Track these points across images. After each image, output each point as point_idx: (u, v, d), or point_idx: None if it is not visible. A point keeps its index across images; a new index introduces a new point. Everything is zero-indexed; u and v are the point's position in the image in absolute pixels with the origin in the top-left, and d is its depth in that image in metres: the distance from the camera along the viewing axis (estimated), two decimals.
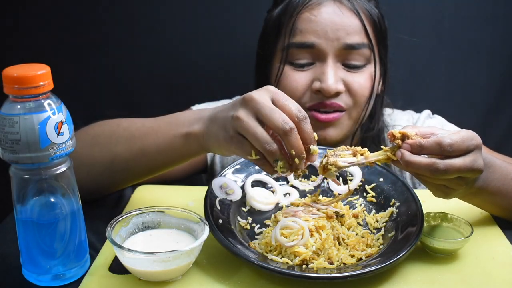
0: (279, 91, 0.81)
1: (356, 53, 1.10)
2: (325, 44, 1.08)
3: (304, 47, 1.09)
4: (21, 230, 0.77)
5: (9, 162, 0.73)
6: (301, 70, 1.11)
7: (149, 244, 0.81)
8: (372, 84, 1.12)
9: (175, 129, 0.88)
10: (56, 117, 0.72)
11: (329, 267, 0.80)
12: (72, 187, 0.77)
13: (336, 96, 1.09)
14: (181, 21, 1.46)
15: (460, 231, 0.87)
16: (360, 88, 1.11)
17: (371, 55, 1.12)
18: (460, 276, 0.81)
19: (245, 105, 0.78)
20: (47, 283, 0.78)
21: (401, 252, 0.79)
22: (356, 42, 1.09)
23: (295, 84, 1.10)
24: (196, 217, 0.83)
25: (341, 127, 1.12)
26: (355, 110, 1.12)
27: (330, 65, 1.08)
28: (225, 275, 0.80)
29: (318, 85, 1.08)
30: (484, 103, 1.54)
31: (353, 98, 1.11)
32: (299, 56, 1.10)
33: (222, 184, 0.94)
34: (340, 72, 1.10)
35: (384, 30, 1.16)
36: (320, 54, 1.09)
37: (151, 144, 0.90)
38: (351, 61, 1.10)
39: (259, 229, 0.90)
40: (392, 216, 0.91)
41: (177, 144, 0.88)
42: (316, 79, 1.09)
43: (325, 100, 1.09)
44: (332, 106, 1.09)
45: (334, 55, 1.09)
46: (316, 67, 1.10)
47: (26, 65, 0.73)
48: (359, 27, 1.09)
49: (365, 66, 1.12)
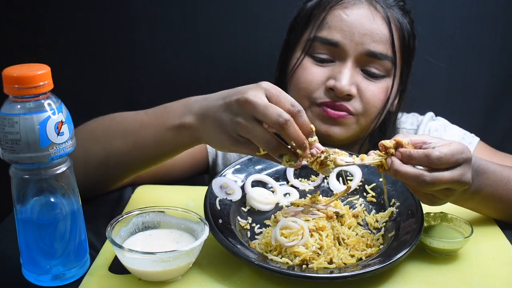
0: (273, 86, 0.80)
1: (378, 62, 1.08)
2: (349, 45, 1.07)
3: (328, 44, 1.09)
4: (21, 230, 0.77)
5: (9, 162, 0.73)
6: (320, 65, 1.10)
7: (149, 244, 0.81)
8: (386, 97, 1.11)
9: (166, 122, 0.88)
10: (56, 117, 0.72)
11: (329, 267, 0.80)
12: (72, 187, 0.77)
13: (347, 99, 1.08)
14: (182, 21, 1.46)
15: (460, 231, 0.87)
16: (372, 98, 1.09)
17: (392, 69, 1.10)
18: (460, 276, 0.81)
19: (241, 108, 0.78)
20: (47, 283, 0.78)
21: (401, 252, 0.79)
22: (380, 52, 1.08)
23: (311, 78, 1.10)
24: (196, 217, 0.83)
25: (346, 128, 1.10)
26: (364, 118, 1.11)
27: (349, 67, 1.08)
28: (225, 275, 0.80)
29: (332, 83, 1.07)
30: (484, 103, 1.54)
31: (364, 105, 1.09)
32: (321, 50, 1.10)
33: (222, 184, 0.94)
34: (357, 76, 1.09)
35: (412, 49, 1.14)
36: (341, 54, 1.08)
37: (144, 138, 0.91)
38: (371, 69, 1.09)
39: (259, 229, 0.90)
40: (392, 216, 0.91)
41: (169, 136, 0.88)
42: (332, 77, 1.08)
43: (336, 100, 1.08)
44: (341, 108, 1.08)
45: (355, 58, 1.08)
46: (335, 65, 1.09)
47: (26, 65, 0.73)
48: (387, 38, 1.08)
49: (383, 78, 1.10)
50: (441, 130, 1.25)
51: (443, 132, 1.25)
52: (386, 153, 0.81)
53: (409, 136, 0.82)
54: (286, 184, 1.01)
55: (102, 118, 0.99)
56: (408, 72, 1.16)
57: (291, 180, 1.01)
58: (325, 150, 0.81)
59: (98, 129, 0.97)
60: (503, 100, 1.54)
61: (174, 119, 0.87)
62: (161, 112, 0.91)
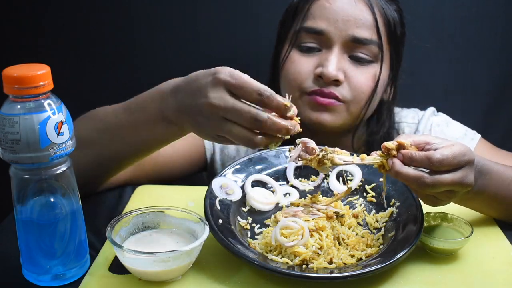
0: (232, 75, 0.78)
1: (364, 48, 1.09)
2: (333, 32, 1.08)
3: (313, 32, 1.10)
4: (21, 230, 0.77)
5: (9, 162, 0.73)
6: (307, 55, 1.11)
7: (149, 244, 0.81)
8: (374, 83, 1.11)
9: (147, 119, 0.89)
10: (56, 117, 0.72)
11: (329, 267, 0.80)
12: (72, 187, 0.77)
13: (335, 84, 1.08)
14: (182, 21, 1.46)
15: (460, 231, 0.87)
16: (360, 83, 1.09)
17: (379, 54, 1.11)
18: (460, 276, 0.81)
19: (211, 113, 0.78)
20: (47, 283, 0.78)
21: (401, 252, 0.79)
22: (364, 37, 1.08)
23: (299, 68, 1.11)
24: (196, 217, 0.83)
25: (336, 115, 1.10)
26: (354, 105, 1.11)
27: (335, 53, 1.08)
28: (225, 275, 0.80)
29: (320, 70, 1.08)
30: (485, 102, 1.54)
31: (352, 91, 1.09)
32: (307, 40, 1.11)
33: (222, 184, 0.94)
34: (345, 63, 1.09)
35: (399, 36, 1.14)
36: (327, 42, 1.09)
37: (130, 136, 0.92)
38: (357, 54, 1.09)
39: (259, 229, 0.90)
40: (392, 216, 0.91)
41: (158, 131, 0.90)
42: (320, 65, 1.09)
43: (324, 87, 1.08)
44: (329, 95, 1.09)
45: (341, 45, 1.09)
46: (322, 53, 1.10)
47: (26, 65, 0.73)
48: (370, 23, 1.09)
49: (371, 63, 1.10)
50: (443, 125, 1.25)
51: (445, 127, 1.25)
52: (388, 154, 0.81)
53: (411, 136, 0.82)
54: (286, 184, 1.01)
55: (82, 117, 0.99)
56: (398, 58, 1.16)
57: (291, 180, 1.01)
58: (324, 149, 0.82)
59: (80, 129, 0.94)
60: (503, 99, 1.54)
61: (154, 115, 0.88)
62: (137, 108, 0.91)
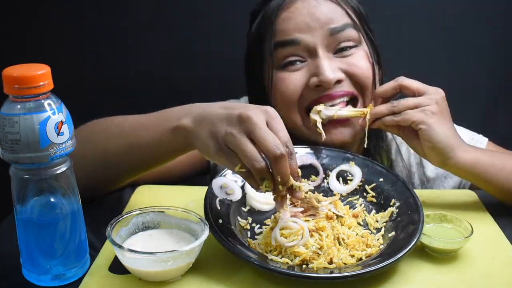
0: (277, 116, 0.79)
1: (344, 36, 1.06)
2: (310, 37, 1.05)
3: (289, 44, 1.06)
4: (21, 230, 0.77)
5: (9, 162, 0.73)
6: (294, 71, 1.07)
7: (149, 244, 0.81)
8: (370, 62, 1.08)
9: (164, 124, 0.88)
10: (56, 117, 0.72)
11: (329, 267, 0.80)
12: (72, 187, 0.77)
13: (339, 84, 1.06)
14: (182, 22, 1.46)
15: (460, 231, 0.87)
16: (361, 70, 1.07)
17: (359, 36, 1.09)
18: (460, 276, 0.81)
19: (240, 122, 0.78)
20: (47, 283, 0.78)
21: (401, 252, 0.79)
22: (340, 25, 1.06)
23: (292, 86, 1.06)
24: (196, 217, 0.83)
25: (352, 126, 1.07)
26: (367, 96, 1.08)
27: (322, 57, 1.05)
28: (225, 275, 0.80)
29: (316, 80, 1.04)
30: (484, 103, 1.54)
31: (358, 82, 1.07)
32: (285, 54, 1.07)
33: (222, 184, 0.94)
34: (335, 61, 1.06)
35: (365, 14, 1.13)
36: (309, 50, 1.06)
37: (141, 139, 0.91)
38: (341, 45, 1.07)
39: (259, 229, 0.90)
40: (392, 216, 0.91)
41: (165, 138, 0.88)
42: (312, 75, 1.05)
43: (329, 91, 1.05)
44: (338, 95, 1.06)
45: (323, 46, 1.06)
46: (309, 64, 1.07)
47: (26, 65, 0.73)
48: (339, 11, 1.07)
49: (356, 47, 1.08)
50: None
51: None
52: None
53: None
54: None
55: (101, 120, 0.99)
56: (373, 35, 1.14)
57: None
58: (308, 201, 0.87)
59: (96, 130, 0.97)
60: (503, 100, 1.54)
61: (171, 122, 0.87)
62: (161, 115, 0.91)
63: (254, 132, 0.76)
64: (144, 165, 0.95)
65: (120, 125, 0.95)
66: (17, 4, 1.43)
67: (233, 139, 0.77)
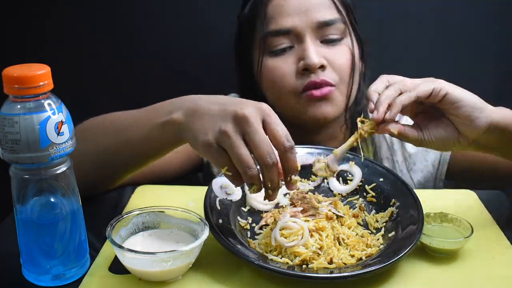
0: (273, 113, 0.79)
1: (331, 28, 1.12)
2: (299, 26, 1.10)
3: (281, 34, 1.11)
4: (21, 230, 0.77)
5: (9, 162, 0.73)
6: (281, 57, 1.12)
7: (149, 244, 0.81)
8: (351, 56, 1.14)
9: (154, 118, 0.88)
10: (56, 117, 0.72)
11: (329, 267, 0.80)
12: (72, 187, 0.77)
13: (322, 70, 1.11)
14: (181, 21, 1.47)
15: (460, 231, 0.87)
16: (342, 62, 1.12)
17: (345, 29, 1.14)
18: (460, 276, 0.81)
19: (235, 121, 0.77)
20: (47, 283, 0.78)
21: (401, 252, 0.79)
22: (329, 18, 1.11)
23: (282, 71, 1.12)
24: (196, 217, 0.83)
25: (335, 102, 1.13)
26: (343, 85, 1.13)
27: (309, 43, 1.10)
28: (225, 275, 0.80)
29: (302, 64, 1.10)
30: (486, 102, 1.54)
31: (337, 73, 1.12)
32: (278, 42, 1.12)
33: (222, 184, 0.94)
34: (320, 48, 1.12)
35: (351, 6, 1.17)
36: (297, 36, 1.11)
37: (133, 135, 0.91)
38: (328, 36, 1.12)
39: (259, 229, 0.90)
40: (392, 216, 0.91)
41: (155, 133, 0.88)
42: (300, 59, 1.11)
43: (314, 78, 1.10)
44: (322, 83, 1.10)
45: (311, 34, 1.11)
46: (296, 49, 1.12)
47: (26, 65, 0.73)
48: (328, 3, 1.12)
49: (342, 40, 1.14)
50: None
51: None
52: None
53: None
54: None
55: (95, 118, 0.99)
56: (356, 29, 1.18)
57: None
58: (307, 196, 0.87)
59: (90, 128, 0.97)
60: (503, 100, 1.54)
61: (161, 116, 0.86)
62: (152, 110, 0.91)
63: (249, 135, 0.76)
64: (138, 161, 0.95)
65: (114, 123, 0.95)
66: (17, 4, 1.43)
67: (227, 140, 0.76)
